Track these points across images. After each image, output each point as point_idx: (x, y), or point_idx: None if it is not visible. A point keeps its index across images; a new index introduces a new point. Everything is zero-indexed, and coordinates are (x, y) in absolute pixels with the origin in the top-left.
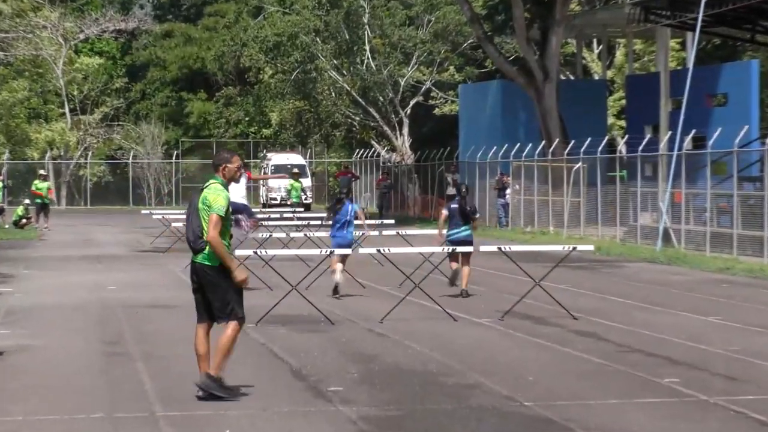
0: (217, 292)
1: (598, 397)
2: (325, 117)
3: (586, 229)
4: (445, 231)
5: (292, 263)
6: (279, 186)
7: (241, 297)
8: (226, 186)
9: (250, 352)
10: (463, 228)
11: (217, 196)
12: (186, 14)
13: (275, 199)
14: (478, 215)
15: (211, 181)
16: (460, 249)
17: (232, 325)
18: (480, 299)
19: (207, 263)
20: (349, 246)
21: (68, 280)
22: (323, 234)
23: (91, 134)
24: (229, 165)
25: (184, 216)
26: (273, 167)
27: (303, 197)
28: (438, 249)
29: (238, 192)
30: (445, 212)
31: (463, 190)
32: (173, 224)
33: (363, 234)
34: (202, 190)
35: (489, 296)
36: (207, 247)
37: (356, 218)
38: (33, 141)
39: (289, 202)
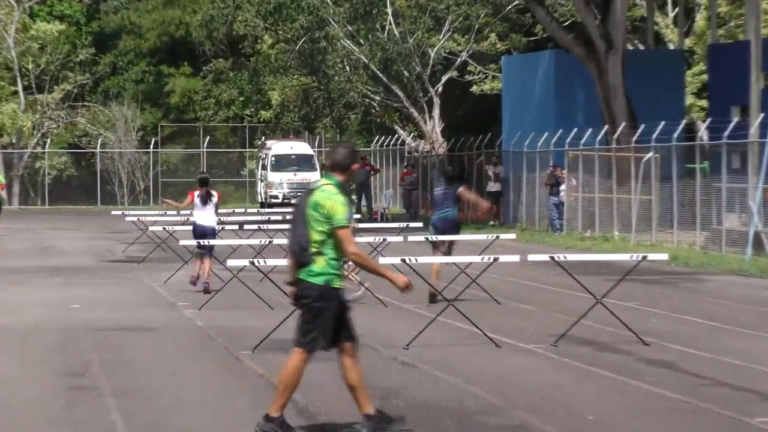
0: (308, 314)
1: None
2: (337, 96)
3: (659, 234)
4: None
5: None
6: (281, 180)
7: (329, 327)
8: (343, 189)
9: (246, 385)
10: (449, 209)
11: (333, 203)
12: None
13: (276, 197)
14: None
15: (324, 181)
16: (442, 238)
17: (299, 353)
18: (529, 320)
19: (310, 280)
20: None
21: (21, 297)
22: None
23: (50, 117)
24: (355, 166)
25: (290, 220)
26: (273, 158)
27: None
28: (476, 258)
29: (207, 216)
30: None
31: (449, 168)
32: (151, 228)
33: None
34: (311, 191)
35: (539, 317)
36: (313, 263)
37: None
38: None
39: None
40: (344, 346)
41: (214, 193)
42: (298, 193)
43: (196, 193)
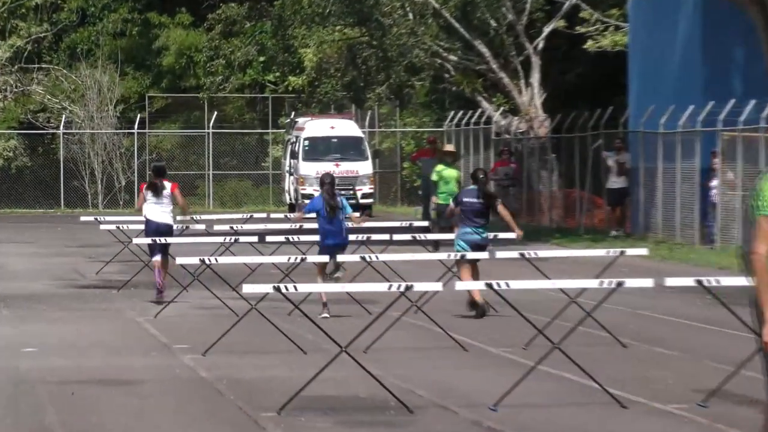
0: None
1: None
2: (396, 56)
3: None
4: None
5: (341, 308)
6: (317, 173)
7: None
8: None
9: None
10: (482, 228)
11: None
12: None
13: (311, 197)
14: (498, 200)
15: None
16: (471, 256)
17: None
18: (666, 370)
19: None
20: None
21: None
22: (393, 257)
23: None
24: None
25: None
26: (307, 143)
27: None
28: (593, 283)
29: (160, 210)
30: (452, 205)
31: (481, 176)
32: (135, 240)
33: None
34: (761, 176)
35: (681, 365)
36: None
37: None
38: None
39: (433, 205)
40: None
41: (167, 183)
42: (342, 192)
43: (146, 184)
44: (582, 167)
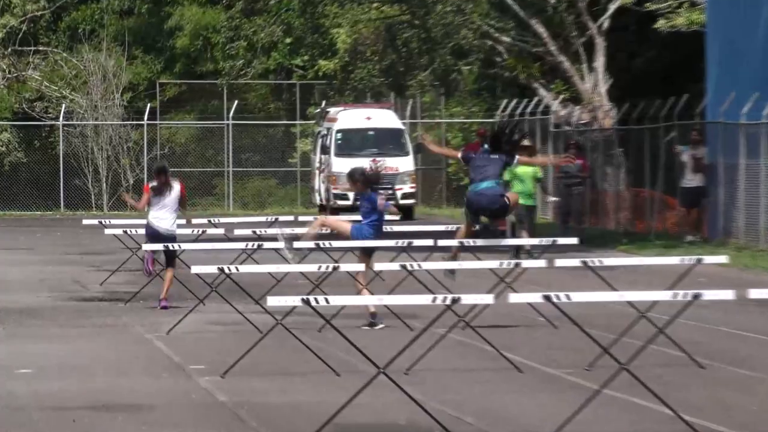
0: None
1: None
2: (441, 37)
3: None
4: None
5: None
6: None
7: None
8: None
9: None
10: (490, 182)
11: None
12: None
13: (344, 197)
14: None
15: None
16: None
17: None
18: (750, 395)
19: None
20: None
21: None
22: (438, 266)
23: None
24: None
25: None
26: (340, 135)
27: (539, 192)
28: (665, 295)
29: (163, 215)
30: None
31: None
32: (145, 246)
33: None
34: None
35: (767, 389)
36: None
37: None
38: None
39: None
40: None
41: (176, 185)
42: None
43: (151, 185)
44: (653, 163)
